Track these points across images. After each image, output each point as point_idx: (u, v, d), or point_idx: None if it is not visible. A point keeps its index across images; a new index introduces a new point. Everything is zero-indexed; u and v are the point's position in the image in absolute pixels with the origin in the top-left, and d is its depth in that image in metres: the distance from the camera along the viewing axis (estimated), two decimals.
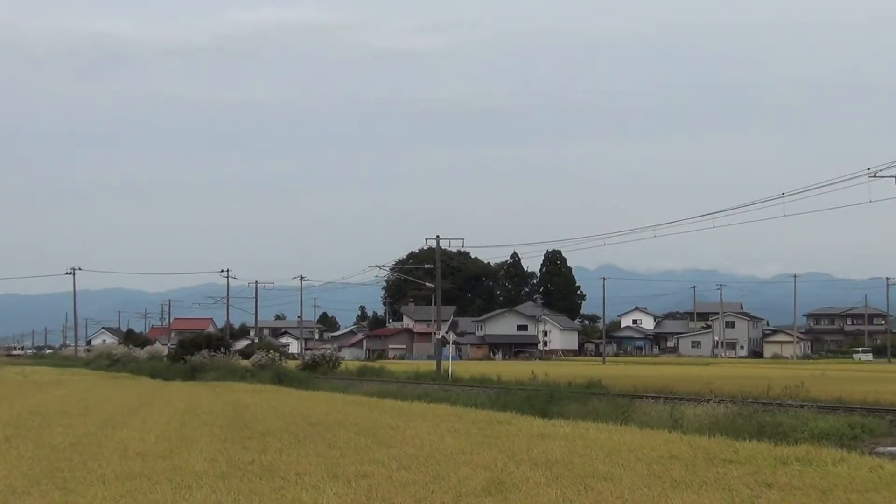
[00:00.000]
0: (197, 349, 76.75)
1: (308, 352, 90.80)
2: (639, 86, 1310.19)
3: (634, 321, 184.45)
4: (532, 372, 51.48)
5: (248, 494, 12.28)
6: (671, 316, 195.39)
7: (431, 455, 15.95)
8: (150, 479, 13.71)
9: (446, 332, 68.52)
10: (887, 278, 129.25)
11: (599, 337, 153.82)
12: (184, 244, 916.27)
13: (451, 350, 67.92)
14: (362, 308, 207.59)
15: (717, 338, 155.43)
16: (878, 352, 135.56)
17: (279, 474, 13.92)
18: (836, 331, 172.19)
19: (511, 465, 14.67)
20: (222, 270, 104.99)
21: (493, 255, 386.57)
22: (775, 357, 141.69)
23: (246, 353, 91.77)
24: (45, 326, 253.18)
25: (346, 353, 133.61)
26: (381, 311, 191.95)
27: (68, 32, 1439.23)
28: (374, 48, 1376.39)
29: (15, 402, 34.14)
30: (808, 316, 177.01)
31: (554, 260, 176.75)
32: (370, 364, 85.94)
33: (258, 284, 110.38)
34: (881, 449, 19.83)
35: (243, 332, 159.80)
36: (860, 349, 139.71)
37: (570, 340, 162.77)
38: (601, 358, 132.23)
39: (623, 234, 62.27)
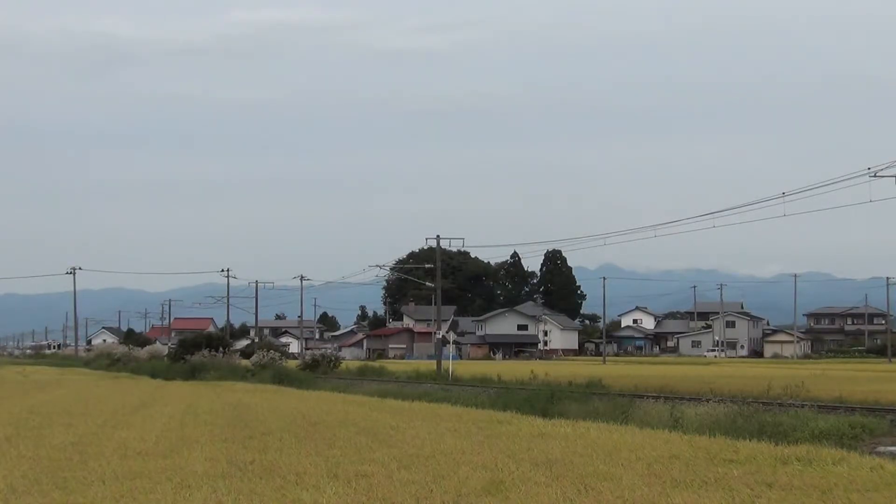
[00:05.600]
0: (197, 349, 76.80)
1: (308, 351, 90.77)
2: (639, 85, 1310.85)
3: (635, 321, 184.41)
4: (532, 371, 51.44)
5: (249, 494, 12.28)
6: (671, 316, 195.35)
7: (432, 455, 15.95)
8: (150, 478, 13.71)
9: (447, 332, 68.54)
10: (888, 278, 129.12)
11: (600, 336, 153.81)
12: (184, 244, 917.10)
13: (451, 350, 67.93)
14: (362, 308, 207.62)
15: (717, 337, 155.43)
16: (879, 351, 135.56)
17: (279, 474, 13.92)
18: (836, 330, 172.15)
19: (511, 464, 14.67)
20: (222, 270, 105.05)
21: (493, 255, 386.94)
22: (775, 357, 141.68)
23: (246, 353, 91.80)
24: (45, 326, 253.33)
25: (346, 353, 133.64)
26: (381, 310, 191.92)
27: (70, 33, 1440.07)
28: (375, 48, 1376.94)
29: (15, 401, 34.15)
30: (809, 316, 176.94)
31: (554, 260, 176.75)
32: (370, 364, 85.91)
33: (258, 284, 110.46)
34: (882, 449, 19.82)
35: (243, 331, 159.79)
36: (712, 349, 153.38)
37: (571, 340, 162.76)
38: (601, 358, 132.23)
39: (623, 233, 62.14)
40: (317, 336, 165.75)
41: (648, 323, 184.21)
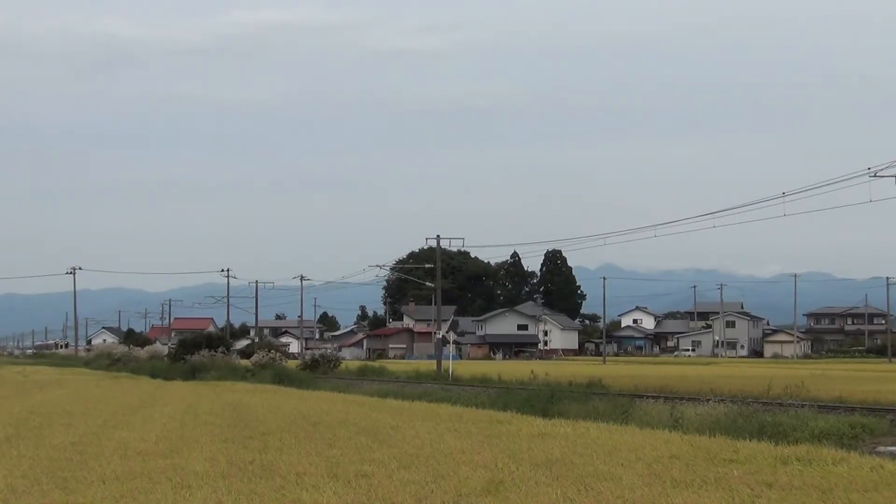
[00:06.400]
0: (197, 349, 76.77)
1: (308, 351, 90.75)
2: (639, 85, 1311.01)
3: (635, 321, 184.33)
4: (532, 371, 51.34)
5: (249, 494, 12.28)
6: (671, 315, 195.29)
7: (432, 455, 15.95)
8: (150, 478, 13.71)
9: (447, 332, 68.47)
10: (888, 278, 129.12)
11: (600, 336, 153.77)
12: (184, 244, 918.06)
13: (451, 350, 67.89)
14: (363, 308, 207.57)
15: (717, 337, 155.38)
16: (879, 351, 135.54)
17: (279, 474, 13.91)
18: (836, 330, 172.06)
19: (511, 464, 14.66)
20: (223, 270, 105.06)
21: (493, 255, 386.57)
22: (776, 357, 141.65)
23: (246, 353, 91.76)
24: (45, 326, 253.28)
25: (346, 353, 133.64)
26: (381, 310, 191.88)
27: (70, 33, 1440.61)
28: (375, 48, 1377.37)
29: (15, 401, 34.12)
30: (809, 315, 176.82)
31: (554, 259, 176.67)
32: (370, 364, 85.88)
33: (258, 284, 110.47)
34: (882, 448, 19.81)
35: (243, 331, 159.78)
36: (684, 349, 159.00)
37: (571, 340, 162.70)
38: (601, 357, 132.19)
39: (623, 233, 62.20)
40: (317, 336, 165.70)
41: (648, 323, 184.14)
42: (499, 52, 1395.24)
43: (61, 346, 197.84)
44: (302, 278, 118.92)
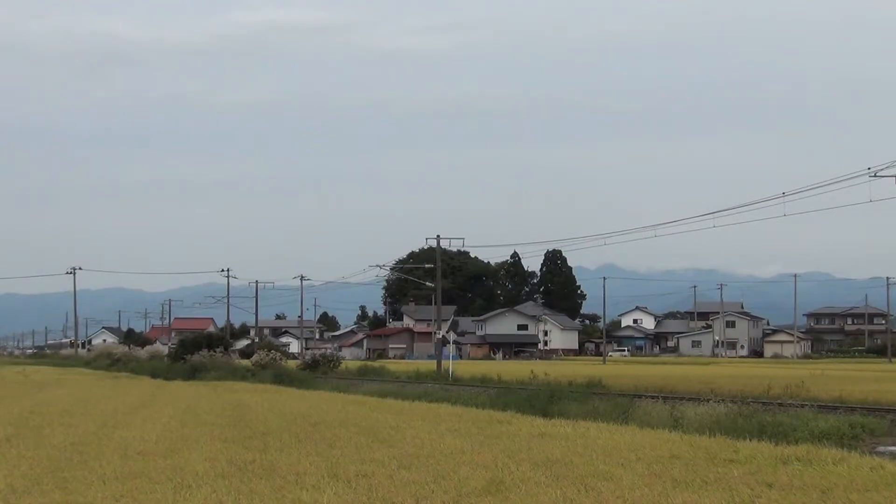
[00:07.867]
0: (197, 349, 76.82)
1: (308, 351, 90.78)
2: (639, 85, 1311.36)
3: (635, 321, 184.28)
4: (532, 371, 51.31)
5: (249, 494, 12.28)
6: (672, 315, 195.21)
7: (432, 455, 15.96)
8: (150, 478, 13.71)
9: (447, 332, 68.49)
10: (888, 278, 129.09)
11: (600, 336, 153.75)
12: (184, 244, 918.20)
13: (451, 350, 67.89)
14: (363, 308, 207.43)
15: (717, 337, 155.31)
16: (879, 351, 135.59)
17: (280, 474, 13.92)
18: (836, 330, 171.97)
19: (511, 464, 14.67)
20: (223, 270, 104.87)
21: (493, 255, 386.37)
22: (776, 357, 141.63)
23: (246, 353, 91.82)
24: (45, 326, 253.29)
25: (346, 353, 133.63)
26: (381, 310, 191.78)
27: (69, 33, 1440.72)
28: (375, 48, 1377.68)
29: (15, 401, 34.13)
30: (809, 315, 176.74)
31: (554, 259, 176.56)
32: (370, 364, 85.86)
33: (259, 284, 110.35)
34: (882, 448, 19.81)
35: (244, 331, 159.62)
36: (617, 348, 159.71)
37: (571, 340, 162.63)
38: (601, 357, 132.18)
39: (623, 233, 62.07)
40: (317, 336, 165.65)
41: (648, 323, 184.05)
42: (499, 53, 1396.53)
43: (76, 346, 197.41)
44: (302, 278, 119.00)
